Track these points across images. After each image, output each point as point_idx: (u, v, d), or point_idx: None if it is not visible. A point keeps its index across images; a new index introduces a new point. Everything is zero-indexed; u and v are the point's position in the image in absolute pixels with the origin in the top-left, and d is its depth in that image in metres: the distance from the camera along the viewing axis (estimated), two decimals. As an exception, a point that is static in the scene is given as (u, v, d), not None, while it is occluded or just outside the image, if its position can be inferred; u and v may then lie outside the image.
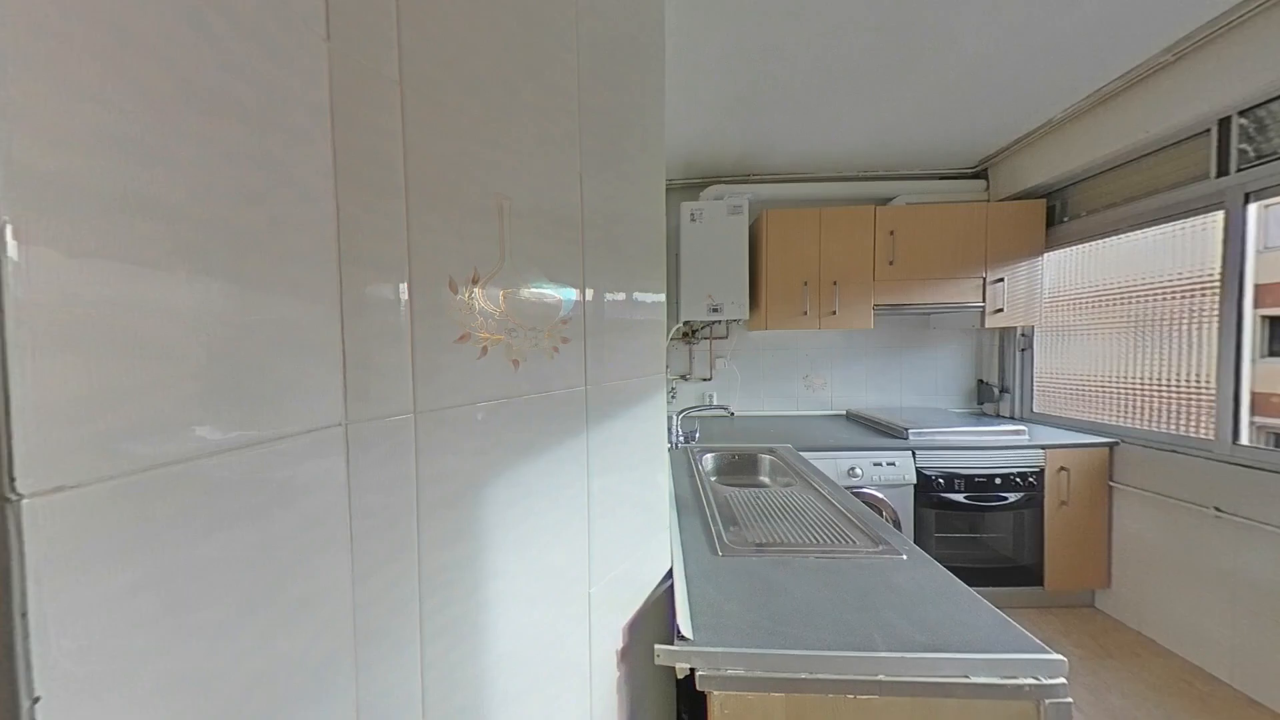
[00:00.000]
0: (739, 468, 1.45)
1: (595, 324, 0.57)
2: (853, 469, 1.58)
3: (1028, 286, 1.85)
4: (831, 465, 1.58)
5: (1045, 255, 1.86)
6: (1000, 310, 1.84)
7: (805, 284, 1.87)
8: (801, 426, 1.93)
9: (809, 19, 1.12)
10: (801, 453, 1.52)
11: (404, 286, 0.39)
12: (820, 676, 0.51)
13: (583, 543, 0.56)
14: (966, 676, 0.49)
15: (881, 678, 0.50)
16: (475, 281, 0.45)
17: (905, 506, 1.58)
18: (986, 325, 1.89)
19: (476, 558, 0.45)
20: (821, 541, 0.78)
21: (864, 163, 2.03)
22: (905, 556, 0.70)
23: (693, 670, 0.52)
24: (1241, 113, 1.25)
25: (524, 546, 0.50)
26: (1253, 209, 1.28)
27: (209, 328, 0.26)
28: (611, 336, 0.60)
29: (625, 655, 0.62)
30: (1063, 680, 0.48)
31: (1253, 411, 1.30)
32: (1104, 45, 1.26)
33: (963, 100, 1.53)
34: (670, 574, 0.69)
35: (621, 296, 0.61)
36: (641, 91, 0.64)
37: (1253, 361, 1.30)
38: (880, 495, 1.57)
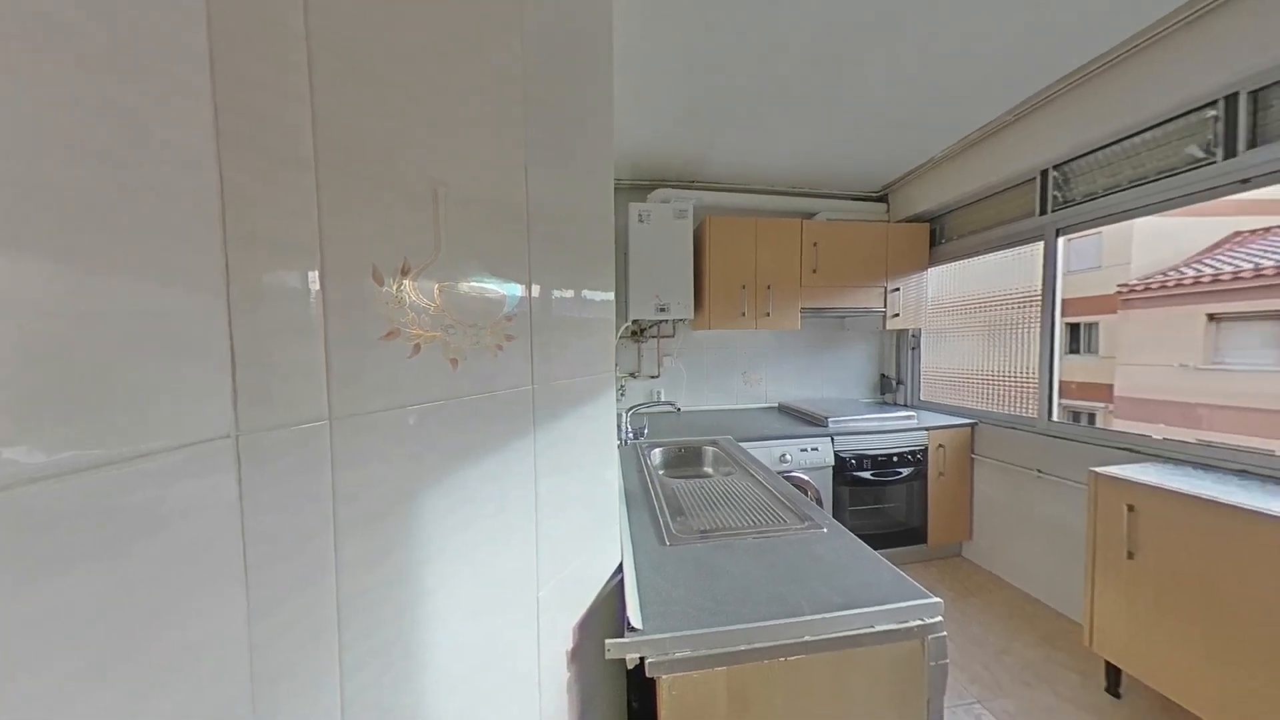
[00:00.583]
0: (685, 460, 1.50)
1: (543, 321, 0.55)
2: (783, 455, 1.73)
3: (916, 295, 2.18)
4: (766, 453, 1.71)
5: (929, 270, 2.20)
6: (897, 315, 2.14)
7: (743, 287, 1.99)
8: (741, 419, 2.06)
9: (749, 39, 1.19)
10: (741, 443, 1.62)
11: (314, 275, 0.34)
12: (757, 645, 0.55)
13: (531, 546, 0.54)
14: (872, 626, 0.57)
15: (807, 638, 0.56)
16: (405, 273, 0.41)
17: (826, 485, 1.78)
18: (887, 327, 2.19)
19: (410, 573, 0.41)
20: (758, 523, 0.84)
21: (794, 179, 2.22)
22: (826, 530, 0.79)
23: (643, 659, 0.53)
24: (1055, 166, 1.60)
25: (467, 555, 0.46)
26: (1061, 241, 1.65)
27: (21, 319, 0.19)
28: (560, 334, 0.58)
29: (576, 654, 0.61)
30: (940, 618, 0.58)
31: (1060, 396, 1.68)
32: (970, 101, 1.53)
33: (870, 133, 1.75)
34: (621, 568, 0.69)
35: (570, 294, 0.60)
36: (590, 87, 0.63)
37: (1060, 358, 1.69)
38: (806, 477, 1.74)
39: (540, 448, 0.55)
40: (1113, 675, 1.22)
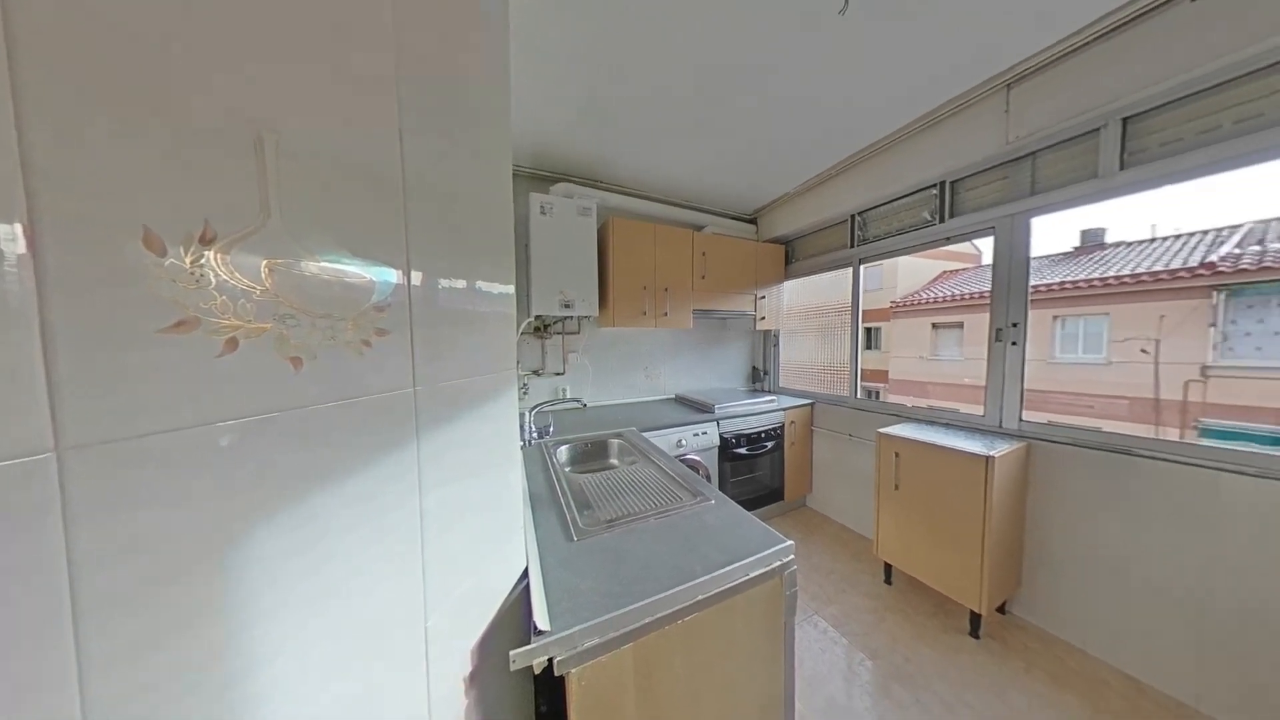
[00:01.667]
0: (592, 455, 1.50)
1: (427, 314, 0.47)
2: (679, 441, 1.89)
3: (776, 303, 2.65)
4: (665, 440, 1.84)
5: (785, 283, 2.70)
6: (764, 318, 2.57)
7: (644, 288, 2.09)
8: (644, 411, 2.16)
9: (645, 57, 1.24)
10: (644, 433, 1.71)
11: (17, 229, 0.22)
12: (659, 615, 0.59)
13: (416, 571, 0.46)
14: (748, 574, 0.67)
15: (700, 597, 0.63)
16: (207, 241, 0.30)
17: (713, 463, 2.02)
18: (757, 328, 2.61)
19: (226, 647, 0.30)
20: (658, 505, 0.90)
21: (687, 194, 2.42)
22: (714, 501, 0.89)
23: (551, 660, 0.51)
24: (859, 213, 2.16)
25: (322, 602, 0.37)
26: (863, 268, 2.24)
27: None
28: (450, 329, 0.51)
29: (475, 678, 0.55)
30: (792, 556, 0.72)
31: (861, 380, 2.29)
32: (810, 153, 1.94)
33: (743, 166, 2.04)
34: (526, 573, 0.65)
35: (462, 284, 0.52)
36: (482, 57, 0.56)
37: (861, 353, 2.30)
38: (698, 458, 1.94)
39: (426, 458, 0.47)
40: (887, 570, 1.73)
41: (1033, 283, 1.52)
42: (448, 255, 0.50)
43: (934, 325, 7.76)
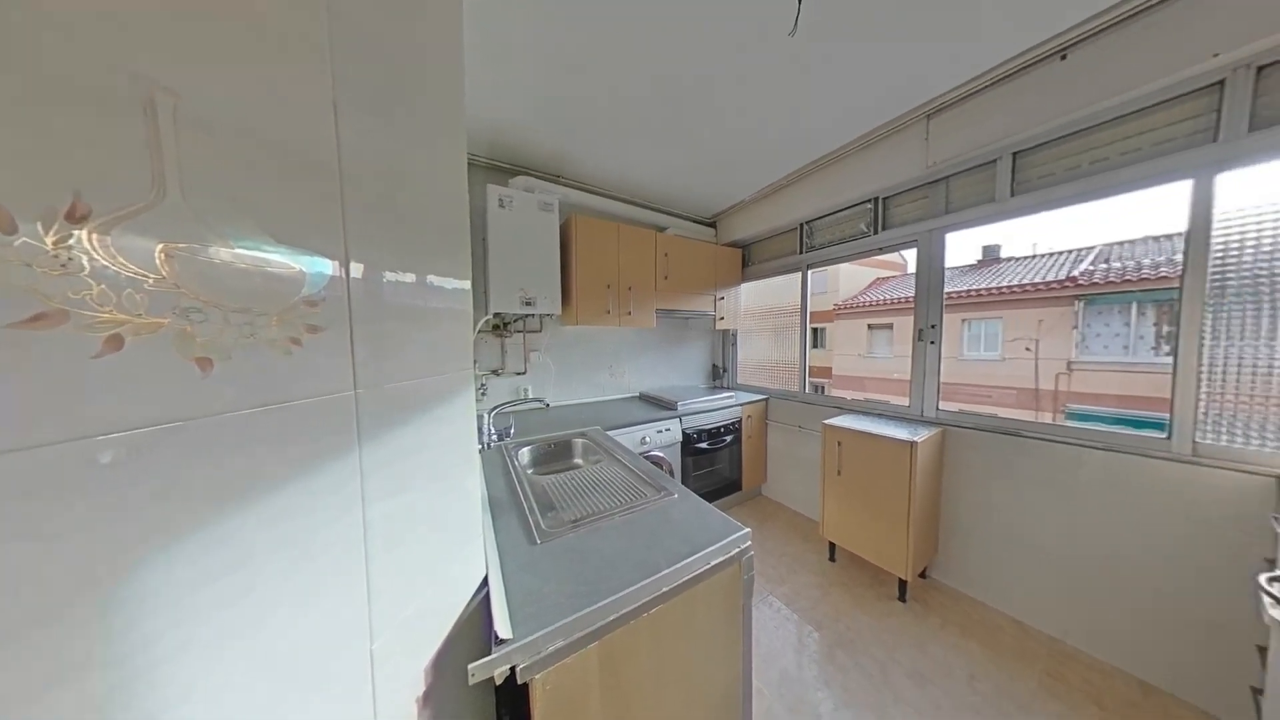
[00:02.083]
0: (555, 455, 1.46)
1: (370, 309, 0.43)
2: (644, 438, 1.91)
3: (734, 304, 2.77)
4: (630, 437, 1.85)
5: (742, 285, 2.83)
6: (723, 318, 2.67)
7: (608, 286, 2.08)
8: (608, 410, 2.15)
9: (604, 51, 1.23)
10: (608, 432, 1.70)
11: None
12: (624, 611, 0.59)
13: (359, 591, 0.42)
14: (709, 563, 0.70)
15: (664, 589, 0.64)
16: (78, 218, 0.25)
17: (676, 458, 2.07)
18: (717, 327, 2.70)
19: (112, 698, 0.26)
20: (624, 502, 0.90)
21: (650, 195, 2.44)
22: (677, 495, 0.92)
23: (514, 669, 0.49)
24: (807, 222, 2.33)
25: (239, 637, 0.32)
26: (811, 273, 2.42)
27: None
28: (398, 326, 0.46)
29: (430, 697, 0.51)
30: (749, 543, 0.76)
31: (809, 376, 2.47)
32: (763, 165, 2.05)
33: (704, 171, 2.10)
34: (486, 581, 0.62)
35: (411, 278, 0.48)
36: (431, 27, 0.52)
37: (808, 351, 2.48)
38: (661, 454, 1.97)
39: (371, 467, 0.43)
40: (831, 549, 1.89)
41: (947, 290, 1.73)
42: (394, 246, 0.46)
43: (869, 326, 8.62)
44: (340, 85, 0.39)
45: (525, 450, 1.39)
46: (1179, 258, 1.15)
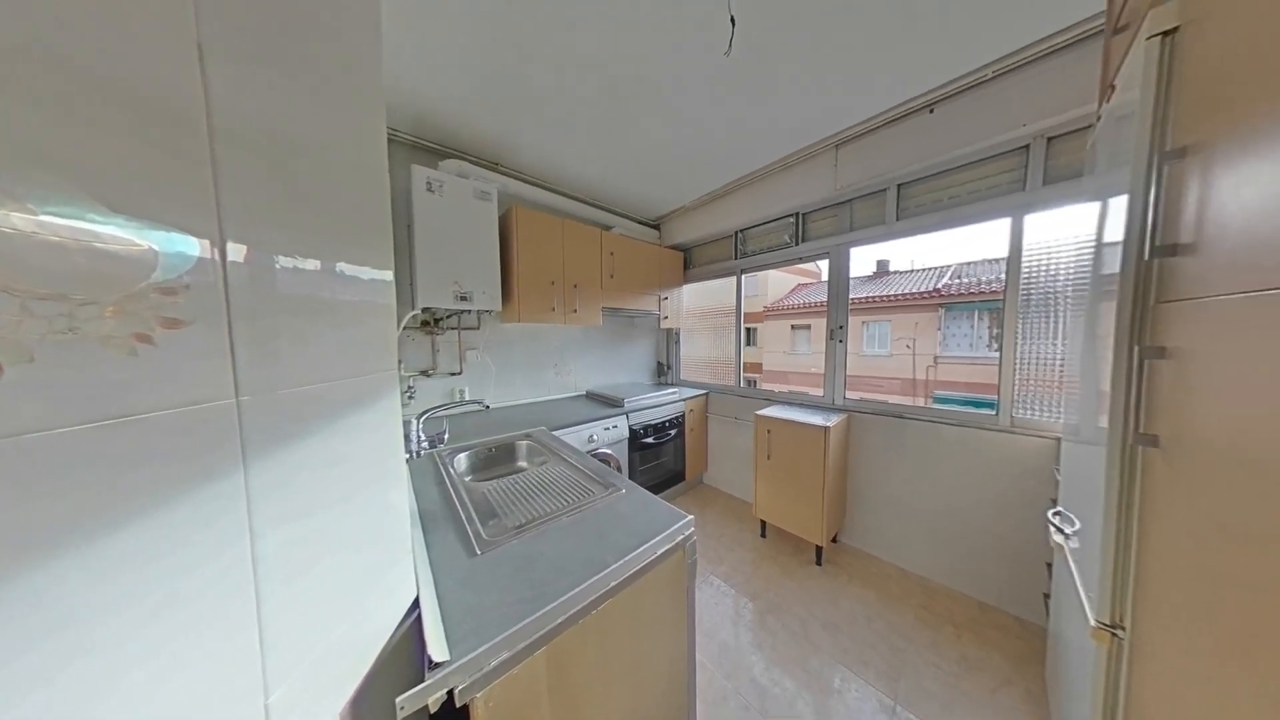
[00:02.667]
0: (496, 460, 1.37)
1: (257, 301, 0.35)
2: (591, 436, 1.89)
3: (677, 304, 2.88)
4: (577, 436, 1.81)
5: (684, 286, 2.95)
6: (667, 317, 2.76)
7: (553, 283, 2.00)
8: (554, 409, 2.08)
9: (547, 38, 1.18)
10: (554, 432, 1.64)
11: None
12: (572, 612, 0.58)
13: (245, 637, 0.34)
14: (656, 552, 0.72)
15: (613, 584, 0.64)
16: None
17: (624, 454, 2.09)
18: (662, 327, 2.78)
19: None
20: (571, 502, 0.88)
21: (595, 193, 2.40)
22: (625, 491, 0.92)
23: (451, 692, 0.45)
24: (740, 230, 2.51)
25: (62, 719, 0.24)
26: (744, 278, 2.62)
27: None
28: (297, 321, 0.39)
29: (347, 743, 0.45)
30: (692, 529, 0.80)
31: (744, 372, 2.68)
32: (701, 174, 2.15)
33: (648, 175, 2.14)
34: (418, 603, 0.56)
35: (315, 265, 0.41)
36: (338, -14, 0.44)
37: (742, 349, 2.69)
38: (609, 451, 1.97)
39: (261, 489, 0.35)
40: (763, 526, 2.08)
41: (851, 296, 2.02)
42: (291, 226, 0.38)
43: (793, 326, 9.68)
44: (205, 21, 0.31)
45: (462, 456, 1.28)
46: (1004, 276, 1.50)
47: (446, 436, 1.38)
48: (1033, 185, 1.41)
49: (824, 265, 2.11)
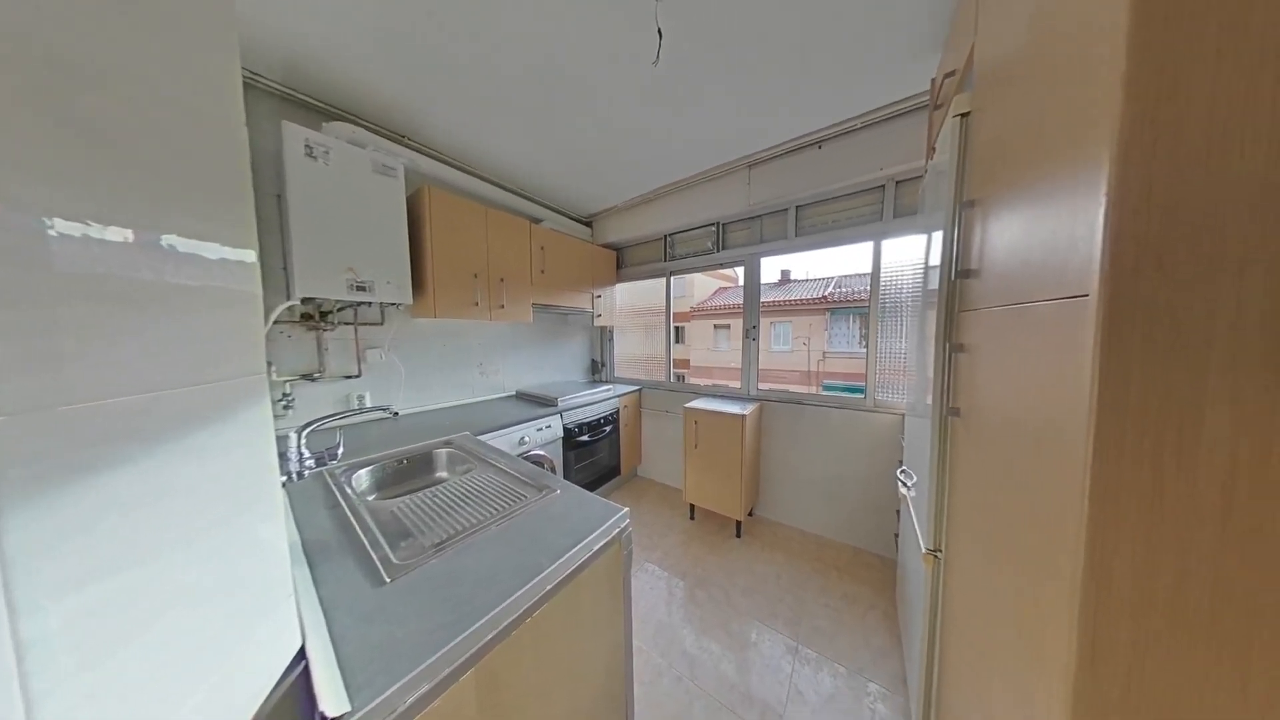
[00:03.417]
0: (410, 473, 1.20)
1: (16, 280, 0.24)
2: (522, 438, 1.78)
3: (611, 302, 2.88)
4: (506, 440, 1.69)
5: (617, 285, 2.97)
6: (600, 315, 2.74)
7: (476, 276, 1.82)
8: (480, 412, 1.90)
9: (462, 2, 1.06)
10: (480, 436, 1.51)
11: None
12: (505, 624, 0.54)
13: (7, 760, 0.24)
14: (592, 549, 0.71)
15: (548, 588, 0.62)
16: None
17: (558, 454, 2.02)
18: (595, 324, 2.75)
19: None
20: (500, 510, 0.82)
21: (524, 183, 2.25)
22: (559, 491, 0.89)
23: (353, 747, 0.38)
24: (669, 234, 2.63)
25: None
26: (673, 279, 2.75)
27: None
28: (94, 311, 0.28)
29: None
30: (628, 521, 0.82)
31: (673, 367, 2.83)
32: (631, 177, 2.19)
33: (580, 170, 2.08)
34: (304, 653, 0.46)
35: (124, 235, 0.30)
36: None
37: (672, 346, 2.83)
38: (542, 452, 1.89)
39: (27, 548, 0.25)
40: (692, 509, 2.23)
41: (762, 300, 2.28)
42: (82, 179, 0.28)
43: (715, 326, 10.56)
44: None
45: (364, 473, 1.09)
46: (869, 288, 1.85)
47: (341, 451, 1.16)
48: (887, 217, 1.77)
49: (740, 271, 2.34)
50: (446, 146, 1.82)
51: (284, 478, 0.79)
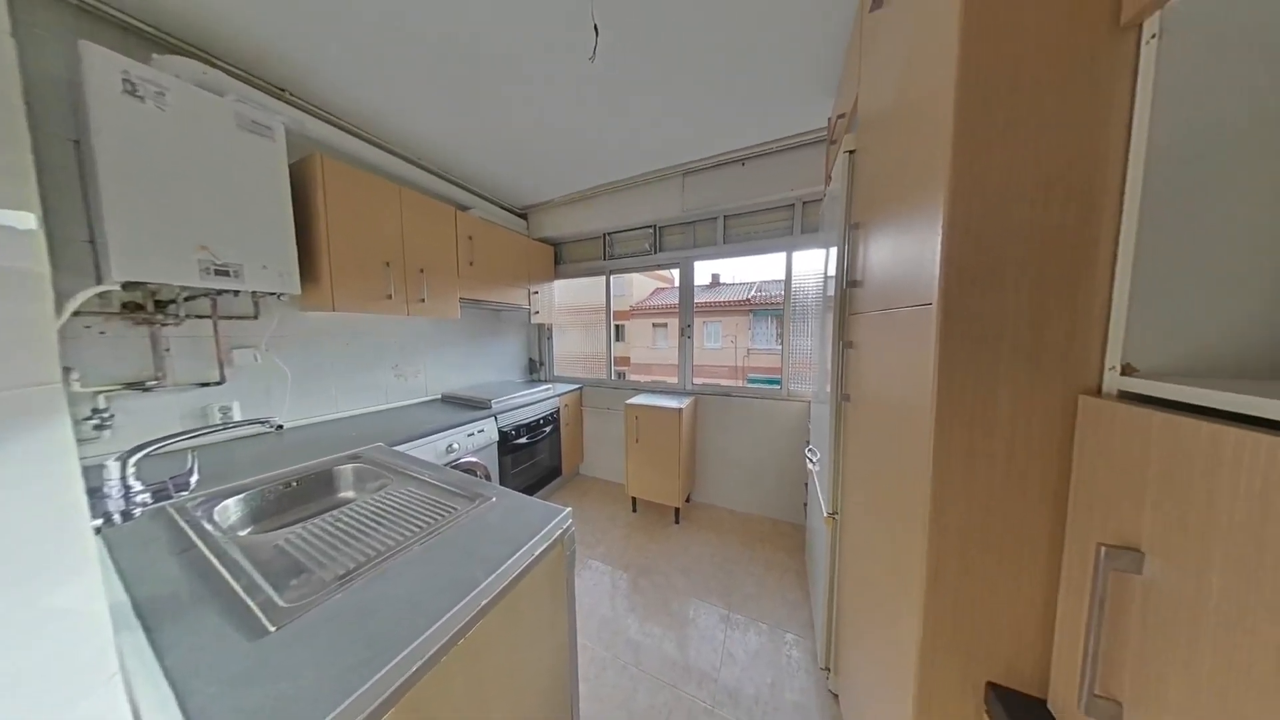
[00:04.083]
0: (301, 496, 0.99)
1: None
2: (450, 445, 1.61)
3: (549, 299, 2.76)
4: (431, 449, 1.51)
5: (555, 282, 2.85)
6: (538, 312, 2.61)
7: (388, 264, 1.58)
8: (395, 419, 1.66)
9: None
10: (396, 447, 1.32)
11: None
12: (432, 652, 0.49)
13: None
14: (533, 554, 0.68)
15: (484, 603, 0.57)
16: None
17: (494, 460, 1.87)
18: (533, 321, 2.61)
19: None
20: (425, 526, 0.73)
21: (448, 165, 2.01)
22: (495, 499, 0.83)
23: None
24: (608, 233, 2.62)
25: None
26: (613, 278, 2.75)
27: None
28: None
29: None
30: (570, 522, 0.80)
31: (614, 365, 2.83)
32: (566, 173, 2.13)
33: (512, 159, 1.95)
34: (137, 746, 0.34)
35: None
36: None
37: (613, 344, 2.84)
38: (475, 459, 1.73)
39: None
40: (634, 502, 2.28)
41: (696, 300, 2.42)
42: None
43: (654, 325, 10.89)
44: None
45: (233, 503, 0.87)
46: (783, 293, 2.10)
47: (195, 479, 0.90)
48: (796, 232, 2.03)
49: (676, 273, 2.45)
50: (346, 110, 1.54)
51: (99, 521, 0.59)
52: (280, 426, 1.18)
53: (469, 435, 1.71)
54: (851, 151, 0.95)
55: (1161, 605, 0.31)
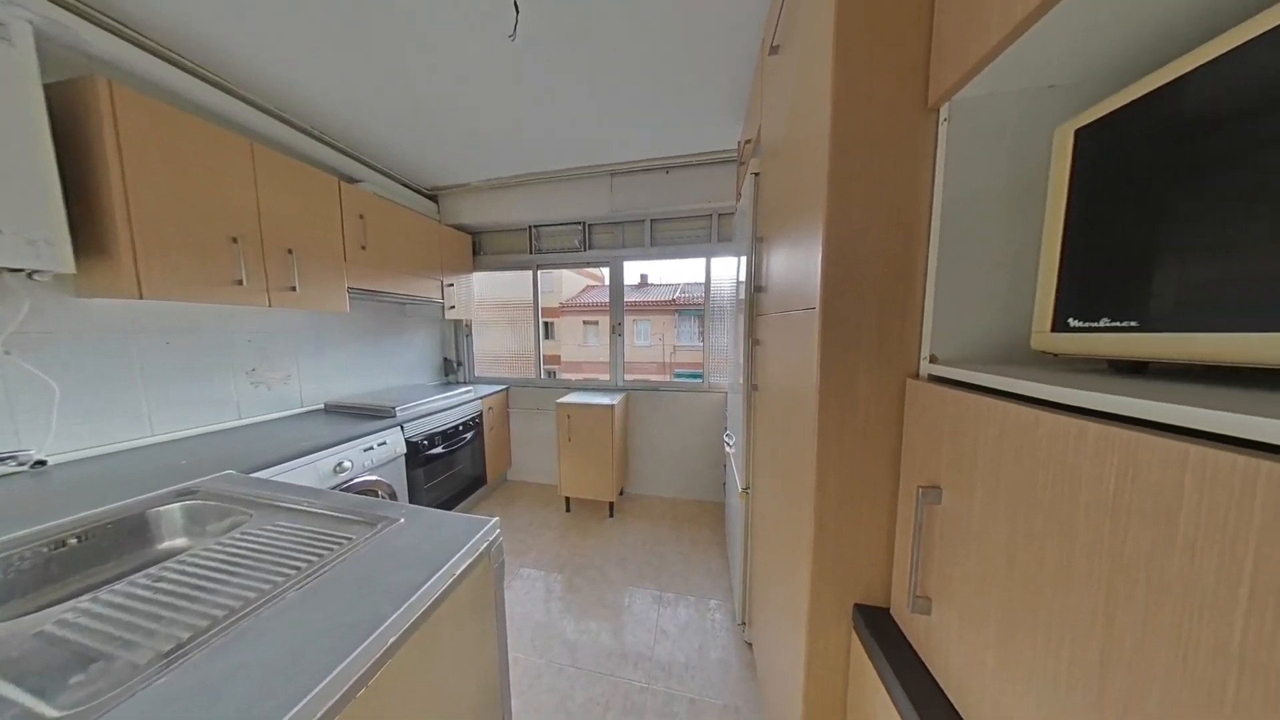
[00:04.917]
0: (91, 557, 0.70)
1: None
2: (339, 464, 1.32)
3: (467, 292, 2.48)
4: (311, 470, 1.22)
5: (474, 274, 2.57)
6: (453, 307, 2.32)
7: (235, 240, 1.21)
8: (254, 438, 1.29)
9: None
10: (257, 473, 1.03)
11: None
12: (331, 702, 0.40)
13: None
14: (455, 572, 0.61)
15: (391, 640, 0.49)
16: None
17: (399, 476, 1.60)
18: (447, 317, 2.31)
19: None
20: (303, 566, 0.59)
21: (327, 126, 1.63)
22: (403, 519, 0.71)
23: None
24: (534, 226, 2.47)
25: None
26: (540, 273, 2.60)
27: None
28: None
29: None
30: (498, 531, 0.74)
31: (544, 364, 2.70)
32: (485, 157, 1.94)
33: (416, 131, 1.68)
34: None
35: None
36: None
37: (542, 342, 2.69)
38: (374, 478, 1.46)
39: None
40: (568, 502, 2.22)
41: (626, 299, 2.45)
42: None
43: (584, 322, 10.73)
44: None
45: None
46: (704, 294, 2.28)
47: None
48: (714, 240, 2.21)
49: (606, 272, 2.44)
50: (158, 29, 1.12)
51: None
52: (42, 462, 0.81)
53: (365, 450, 1.44)
54: (757, 174, 1.07)
55: (951, 525, 0.43)
